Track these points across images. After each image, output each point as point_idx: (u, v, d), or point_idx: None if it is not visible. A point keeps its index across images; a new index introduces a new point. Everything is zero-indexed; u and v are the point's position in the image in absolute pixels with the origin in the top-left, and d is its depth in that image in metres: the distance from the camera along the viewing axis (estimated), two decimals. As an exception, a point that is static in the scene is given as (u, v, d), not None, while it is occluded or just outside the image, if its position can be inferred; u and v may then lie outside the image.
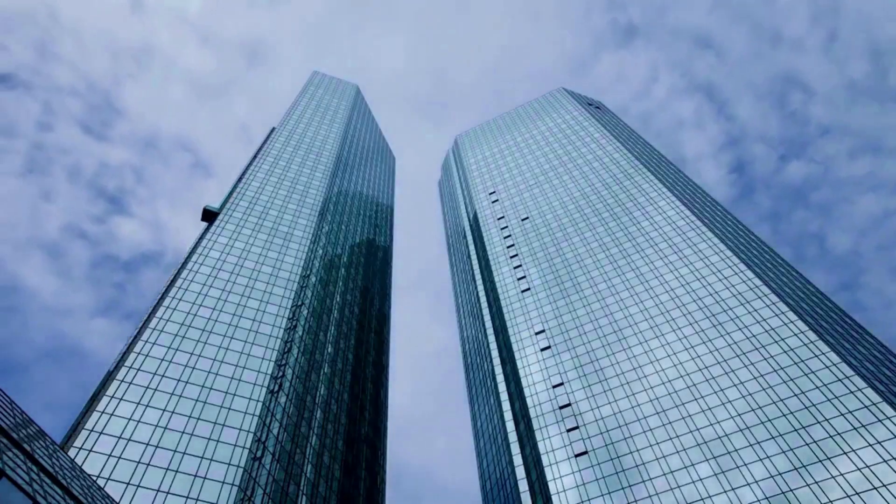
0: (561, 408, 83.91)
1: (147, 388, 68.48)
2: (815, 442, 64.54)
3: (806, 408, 68.28)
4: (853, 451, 61.97)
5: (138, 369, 70.32)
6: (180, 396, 69.17)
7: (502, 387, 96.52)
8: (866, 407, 65.21)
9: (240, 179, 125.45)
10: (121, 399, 65.79)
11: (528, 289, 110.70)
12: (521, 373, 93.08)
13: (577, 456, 76.28)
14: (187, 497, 58.64)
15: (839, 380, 69.29)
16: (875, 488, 57.98)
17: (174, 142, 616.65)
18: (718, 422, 71.83)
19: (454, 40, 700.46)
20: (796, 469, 62.98)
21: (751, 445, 67.47)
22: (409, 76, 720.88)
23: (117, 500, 52.74)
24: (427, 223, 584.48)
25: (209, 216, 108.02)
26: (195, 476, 60.87)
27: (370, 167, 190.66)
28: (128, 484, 57.27)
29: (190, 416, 67.18)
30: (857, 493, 58.29)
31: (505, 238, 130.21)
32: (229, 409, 70.16)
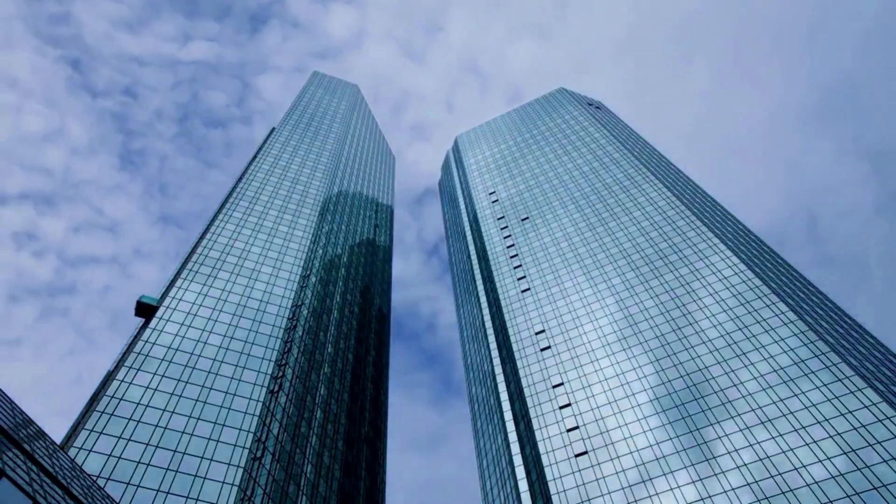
0: (561, 408, 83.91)
1: (147, 387, 68.48)
2: (815, 442, 64.54)
3: (806, 408, 68.28)
4: (853, 450, 61.96)
5: (138, 369, 70.33)
6: (180, 396, 69.18)
7: (502, 387, 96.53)
8: (866, 407, 65.21)
9: (240, 179, 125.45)
10: (121, 399, 65.79)
11: (528, 289, 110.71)
12: (521, 373, 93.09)
13: (577, 456, 76.28)
14: (187, 497, 58.65)
15: (839, 380, 69.29)
16: (875, 488, 57.98)
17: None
18: (718, 421, 71.84)
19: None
20: (796, 469, 62.98)
21: (750, 445, 67.48)
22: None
23: (117, 500, 52.74)
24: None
25: (145, 311, 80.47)
26: (195, 476, 60.88)
27: (370, 167, 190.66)
28: (128, 484, 57.27)
29: (190, 416, 67.19)
30: (858, 493, 58.28)
31: (505, 238, 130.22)
32: (229, 409, 70.17)
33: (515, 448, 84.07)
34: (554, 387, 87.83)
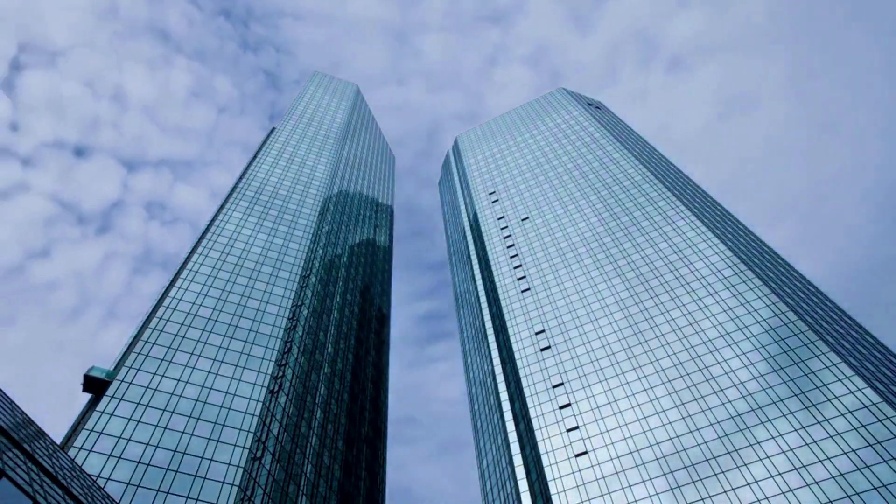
0: (561, 408, 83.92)
1: (147, 388, 68.48)
2: (815, 442, 64.54)
3: (806, 408, 68.29)
4: (853, 450, 61.96)
5: (138, 369, 70.34)
6: (180, 396, 69.18)
7: (502, 387, 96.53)
8: (866, 407, 65.21)
9: (240, 179, 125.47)
10: (121, 399, 65.79)
11: (528, 289, 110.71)
12: (521, 373, 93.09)
13: (577, 456, 76.28)
14: (187, 497, 58.66)
15: (839, 380, 69.30)
16: (875, 488, 57.98)
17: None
18: (718, 422, 71.84)
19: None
20: (796, 469, 62.99)
21: (751, 445, 67.48)
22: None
23: (117, 500, 52.74)
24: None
25: (95, 386, 67.46)
26: (195, 476, 60.88)
27: (370, 167, 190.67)
28: (128, 484, 57.28)
29: (190, 416, 67.19)
30: (858, 493, 58.29)
31: (505, 238, 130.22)
32: (229, 409, 70.18)
33: (515, 448, 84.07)
34: (554, 387, 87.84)
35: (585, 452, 76.14)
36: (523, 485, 78.21)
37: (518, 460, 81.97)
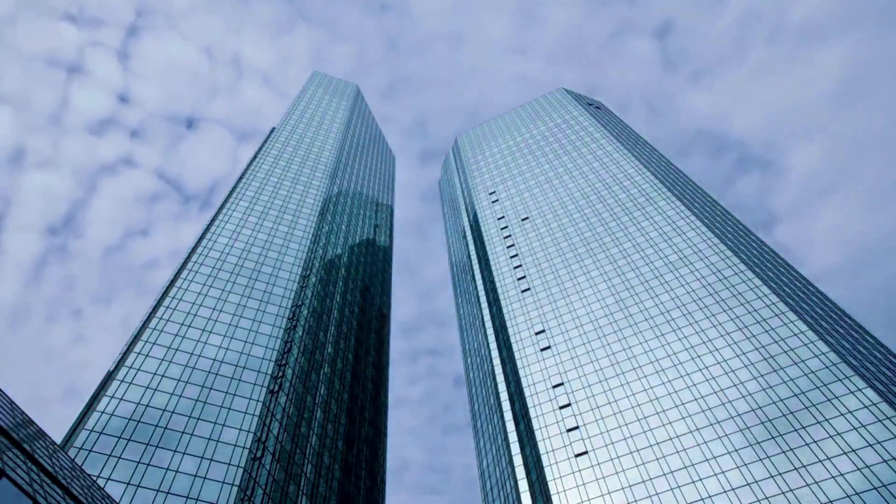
0: (561, 408, 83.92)
1: (147, 388, 68.49)
2: (815, 442, 64.54)
3: (806, 408, 68.29)
4: (853, 451, 61.96)
5: (138, 369, 70.34)
6: (180, 396, 69.19)
7: (502, 387, 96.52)
8: (866, 407, 65.21)
9: (240, 179, 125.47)
10: (121, 399, 65.80)
11: (528, 289, 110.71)
12: (521, 373, 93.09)
13: (577, 456, 76.28)
14: (187, 497, 58.66)
15: (839, 380, 69.30)
16: (875, 488, 57.98)
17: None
18: (718, 422, 71.84)
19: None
20: (796, 469, 62.99)
21: (751, 445, 67.49)
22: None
23: (117, 500, 52.73)
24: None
25: None
26: (195, 476, 60.88)
27: (370, 167, 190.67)
28: (128, 484, 57.28)
29: (190, 416, 67.20)
30: (857, 493, 58.28)
31: (505, 238, 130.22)
32: (229, 409, 70.18)
33: (515, 448, 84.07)
34: (554, 387, 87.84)
35: (585, 452, 76.14)
36: (523, 485, 78.21)
37: (518, 460, 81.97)
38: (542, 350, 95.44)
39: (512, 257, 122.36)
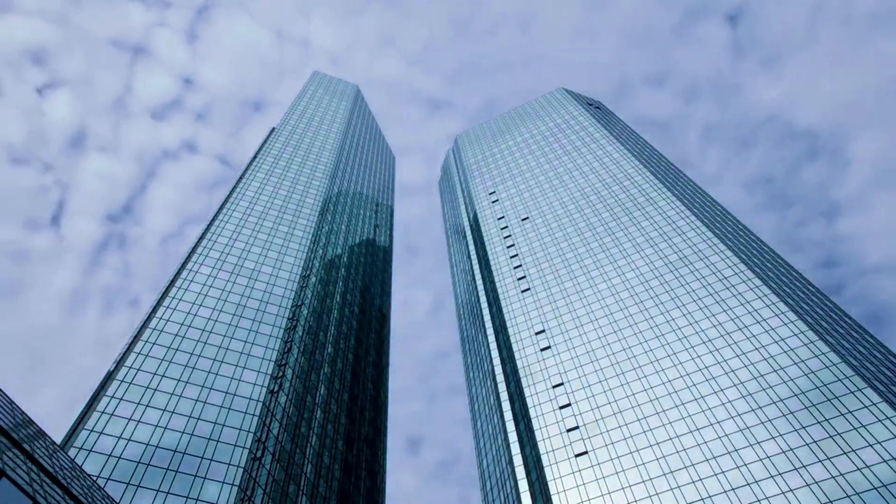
0: (561, 408, 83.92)
1: (147, 388, 68.49)
2: (815, 442, 64.54)
3: (806, 408, 68.28)
4: (853, 451, 61.96)
5: (138, 369, 70.33)
6: (180, 396, 69.18)
7: (502, 387, 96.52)
8: (866, 407, 65.21)
9: (240, 179, 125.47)
10: (121, 399, 65.80)
11: (528, 289, 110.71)
12: (521, 373, 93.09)
13: (577, 456, 76.28)
14: (187, 497, 58.65)
15: (839, 380, 69.29)
16: (875, 488, 57.98)
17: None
18: (718, 422, 71.84)
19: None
20: (796, 469, 62.98)
21: (751, 445, 67.49)
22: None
23: (117, 500, 52.73)
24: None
25: None
26: (195, 476, 60.88)
27: (370, 167, 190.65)
28: (128, 484, 57.28)
29: (190, 416, 67.19)
30: (857, 493, 58.28)
31: (505, 238, 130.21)
32: (229, 409, 70.17)
33: (515, 448, 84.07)
34: (554, 387, 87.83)
35: (585, 452, 76.13)
36: (523, 485, 78.21)
37: (518, 460, 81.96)
38: (542, 350, 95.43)
39: (512, 257, 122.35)
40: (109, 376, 70.70)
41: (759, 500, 62.01)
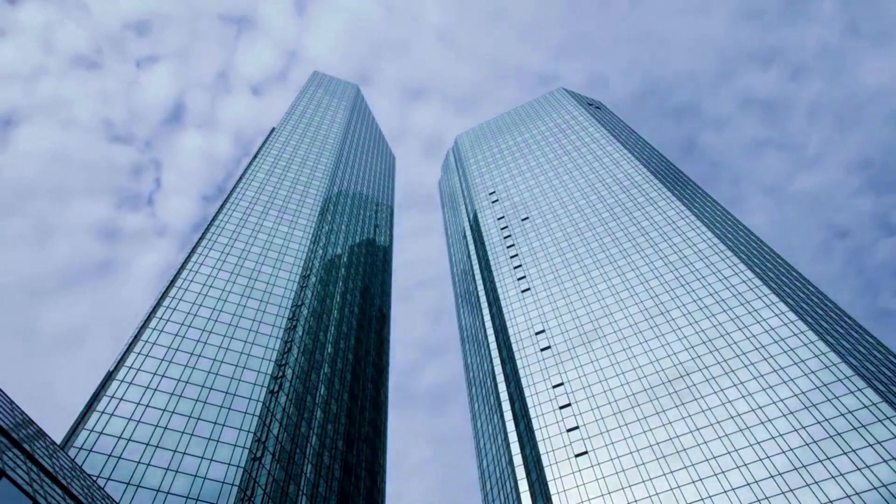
0: (561, 408, 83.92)
1: (147, 388, 68.48)
2: (814, 442, 64.53)
3: (806, 408, 68.28)
4: (853, 451, 61.96)
5: (138, 369, 70.33)
6: (180, 396, 69.18)
7: (502, 387, 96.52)
8: (866, 407, 65.22)
9: (240, 179, 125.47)
10: (121, 399, 65.80)
11: (528, 289, 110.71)
12: (521, 372, 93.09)
13: (577, 456, 76.28)
14: (187, 497, 58.65)
15: (839, 380, 69.29)
16: (875, 488, 57.98)
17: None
18: (718, 422, 71.84)
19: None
20: (796, 469, 62.99)
21: (750, 445, 67.48)
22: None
23: (117, 500, 52.73)
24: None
25: None
26: (195, 476, 60.88)
27: (370, 167, 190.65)
28: (128, 484, 57.28)
29: (190, 416, 67.19)
30: (857, 493, 58.28)
31: (505, 238, 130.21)
32: (229, 409, 70.17)
33: (515, 448, 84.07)
34: (554, 387, 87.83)
35: (585, 452, 76.13)
36: (523, 485, 78.21)
37: (518, 460, 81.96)
38: (542, 350, 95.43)
39: (512, 257, 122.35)
40: (109, 376, 70.69)
41: (759, 500, 62.01)
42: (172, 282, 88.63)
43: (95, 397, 67.89)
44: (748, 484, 63.98)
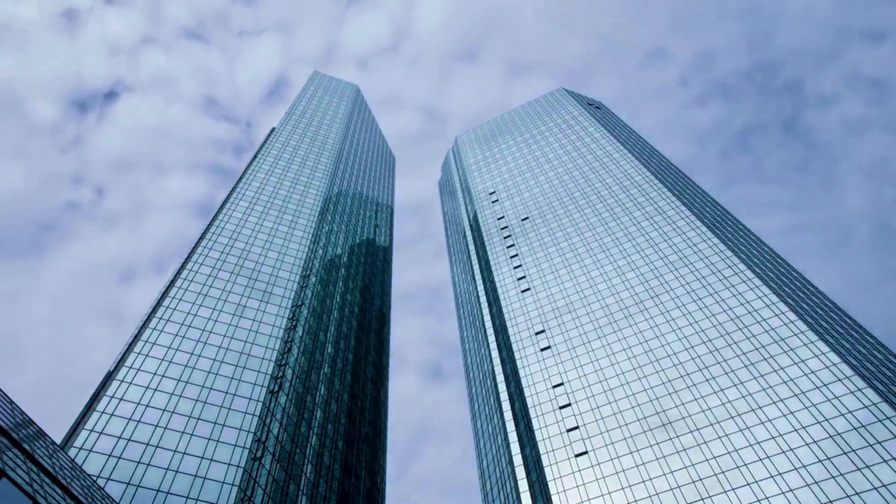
0: (561, 408, 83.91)
1: (147, 388, 68.48)
2: (815, 442, 64.53)
3: (806, 408, 68.29)
4: (853, 450, 61.96)
5: (138, 369, 70.33)
6: (180, 396, 69.18)
7: (502, 387, 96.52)
8: (866, 407, 65.21)
9: (240, 179, 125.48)
10: (121, 399, 65.79)
11: (528, 289, 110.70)
12: (521, 373, 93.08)
13: (577, 456, 76.28)
14: (187, 497, 58.65)
15: (839, 380, 69.29)
16: (875, 488, 57.98)
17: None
18: (718, 422, 71.85)
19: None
20: (796, 469, 62.98)
21: (750, 445, 67.49)
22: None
23: (117, 500, 52.73)
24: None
25: None
26: (195, 476, 60.88)
27: (370, 167, 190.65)
28: (128, 484, 57.28)
29: (190, 416, 67.19)
30: (857, 493, 58.28)
31: (505, 238, 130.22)
32: (229, 409, 70.17)
33: (515, 448, 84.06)
34: (554, 387, 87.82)
35: (585, 452, 76.13)
36: (523, 485, 78.21)
37: (518, 460, 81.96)
38: (542, 350, 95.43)
39: (512, 257, 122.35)
40: (109, 376, 70.70)
41: (759, 500, 62.01)
42: (172, 282, 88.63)
43: (95, 397, 67.89)
44: (748, 484, 63.98)
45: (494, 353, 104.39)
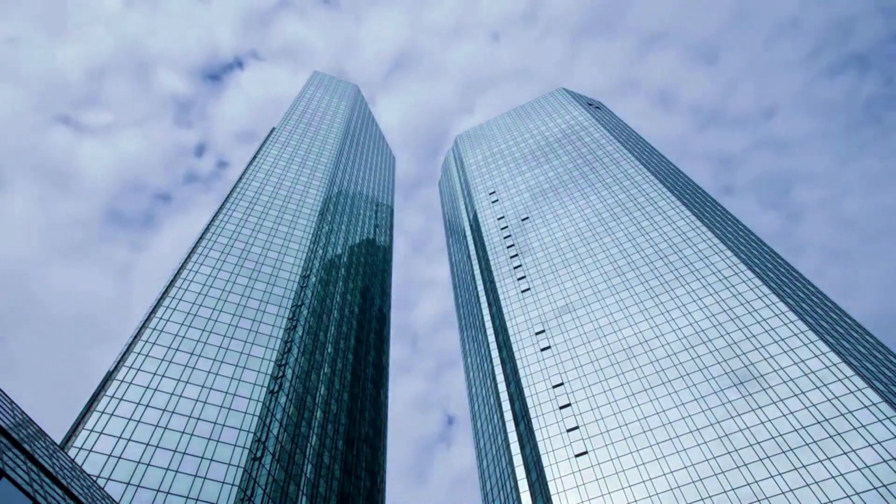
0: (561, 408, 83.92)
1: (147, 388, 68.48)
2: (814, 442, 64.54)
3: (806, 408, 68.29)
4: (853, 451, 61.97)
5: (138, 369, 70.33)
6: (180, 396, 69.18)
7: (502, 387, 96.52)
8: (866, 407, 65.22)
9: (240, 179, 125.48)
10: (121, 399, 65.79)
11: (528, 289, 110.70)
12: (521, 373, 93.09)
13: (577, 456, 76.28)
14: (187, 497, 58.66)
15: (839, 380, 69.30)
16: (875, 488, 57.98)
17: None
18: (718, 421, 71.85)
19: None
20: (796, 469, 62.99)
21: (750, 445, 67.49)
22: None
23: (117, 500, 52.73)
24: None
25: None
26: (195, 476, 60.88)
27: (370, 167, 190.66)
28: (128, 484, 57.28)
29: (190, 416, 67.19)
30: (857, 493, 58.28)
31: (505, 238, 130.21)
32: (229, 409, 70.17)
33: (515, 448, 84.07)
34: (554, 387, 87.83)
35: (585, 452, 76.13)
36: (523, 485, 78.21)
37: (518, 460, 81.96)
38: (542, 350, 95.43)
39: (512, 257, 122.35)
40: (109, 376, 70.70)
41: (759, 500, 62.02)
42: (172, 282, 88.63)
43: (95, 397, 67.90)
44: (748, 484, 63.99)
45: (494, 353, 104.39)
